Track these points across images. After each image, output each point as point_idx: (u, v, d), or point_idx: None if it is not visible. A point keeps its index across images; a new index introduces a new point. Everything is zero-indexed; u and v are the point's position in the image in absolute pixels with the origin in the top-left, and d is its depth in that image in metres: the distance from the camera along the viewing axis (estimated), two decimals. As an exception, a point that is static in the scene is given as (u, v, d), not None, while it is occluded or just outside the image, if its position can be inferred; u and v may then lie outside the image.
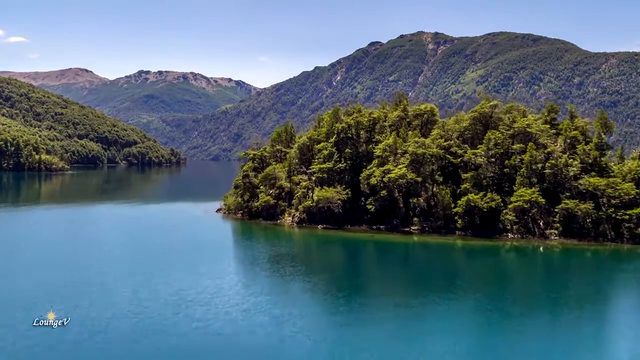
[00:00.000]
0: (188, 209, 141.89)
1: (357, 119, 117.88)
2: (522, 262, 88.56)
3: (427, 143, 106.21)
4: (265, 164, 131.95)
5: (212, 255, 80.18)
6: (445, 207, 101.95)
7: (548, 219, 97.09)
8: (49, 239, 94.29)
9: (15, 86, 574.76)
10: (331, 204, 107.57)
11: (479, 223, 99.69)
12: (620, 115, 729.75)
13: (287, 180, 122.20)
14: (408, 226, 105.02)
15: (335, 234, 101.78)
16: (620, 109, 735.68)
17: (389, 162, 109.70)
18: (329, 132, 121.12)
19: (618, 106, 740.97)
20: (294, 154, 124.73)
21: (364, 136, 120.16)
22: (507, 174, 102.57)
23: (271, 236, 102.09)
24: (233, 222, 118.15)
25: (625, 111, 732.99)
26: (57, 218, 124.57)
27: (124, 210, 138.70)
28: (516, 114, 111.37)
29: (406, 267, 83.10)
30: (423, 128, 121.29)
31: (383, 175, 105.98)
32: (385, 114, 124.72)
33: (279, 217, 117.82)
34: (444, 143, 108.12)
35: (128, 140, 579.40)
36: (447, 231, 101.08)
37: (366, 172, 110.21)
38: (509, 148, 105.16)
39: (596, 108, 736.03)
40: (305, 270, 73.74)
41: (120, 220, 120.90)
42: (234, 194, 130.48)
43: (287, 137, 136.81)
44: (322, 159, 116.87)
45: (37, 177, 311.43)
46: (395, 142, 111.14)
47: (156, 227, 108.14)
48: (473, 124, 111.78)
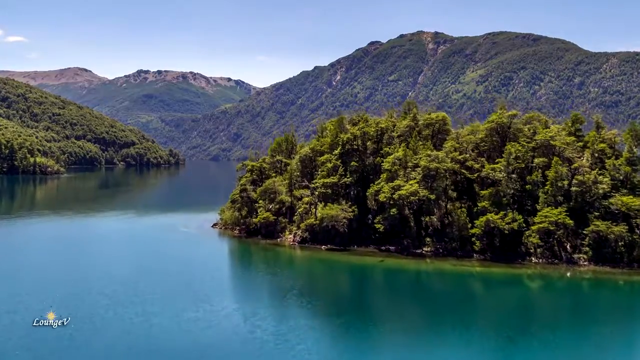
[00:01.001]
0: (182, 222, 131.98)
1: (363, 129, 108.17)
2: (548, 293, 79.04)
3: (440, 157, 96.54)
4: (264, 175, 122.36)
5: (204, 291, 70.39)
6: (461, 228, 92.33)
7: (576, 241, 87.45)
8: (16, 266, 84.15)
9: (12, 86, 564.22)
10: (336, 222, 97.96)
11: (498, 245, 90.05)
12: (621, 115, 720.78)
13: (288, 194, 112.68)
14: (420, 247, 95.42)
15: (341, 257, 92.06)
16: (622, 109, 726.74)
17: (399, 176, 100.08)
18: (333, 143, 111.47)
19: (619, 106, 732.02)
20: (295, 166, 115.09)
21: (371, 147, 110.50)
22: (529, 191, 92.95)
23: (271, 260, 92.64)
24: (230, 241, 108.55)
25: (626, 111, 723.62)
26: (36, 235, 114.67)
27: (114, 224, 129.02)
28: (537, 124, 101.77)
29: (419, 298, 73.82)
30: (434, 138, 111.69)
31: (393, 191, 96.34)
32: (393, 123, 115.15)
33: (279, 234, 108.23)
34: (459, 157, 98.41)
35: (126, 141, 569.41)
36: (463, 254, 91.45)
37: (374, 187, 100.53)
38: (530, 162, 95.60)
39: (599, 110, 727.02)
40: (313, 308, 64.15)
41: (107, 239, 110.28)
42: (230, 208, 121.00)
43: (287, 147, 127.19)
44: (325, 172, 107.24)
45: (31, 180, 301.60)
46: (406, 154, 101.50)
47: (144, 252, 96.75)
48: (489, 135, 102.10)
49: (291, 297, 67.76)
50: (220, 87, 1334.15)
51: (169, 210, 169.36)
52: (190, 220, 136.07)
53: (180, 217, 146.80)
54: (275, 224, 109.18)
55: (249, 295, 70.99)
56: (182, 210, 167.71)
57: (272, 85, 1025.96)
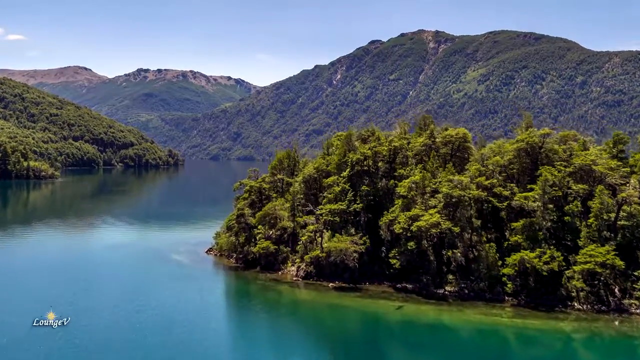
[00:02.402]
0: (175, 243, 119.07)
1: (375, 148, 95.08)
2: (594, 350, 66.29)
3: (465, 183, 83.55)
4: (264, 197, 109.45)
5: (192, 354, 57.55)
6: (490, 266, 79.47)
7: (625, 284, 74.68)
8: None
9: (9, 86, 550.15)
10: (345, 256, 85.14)
11: (533, 286, 77.27)
12: (624, 115, 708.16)
13: (291, 219, 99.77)
14: (441, 285, 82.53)
15: (352, 300, 78.91)
16: (624, 109, 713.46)
17: (416, 203, 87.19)
18: (341, 163, 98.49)
19: (622, 106, 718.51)
20: (299, 187, 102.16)
21: (383, 168, 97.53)
22: (568, 223, 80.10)
23: (272, 302, 79.57)
24: (225, 277, 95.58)
25: (629, 111, 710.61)
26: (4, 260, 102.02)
27: (97, 249, 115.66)
28: (573, 144, 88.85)
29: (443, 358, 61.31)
30: (453, 157, 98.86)
31: (410, 222, 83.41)
32: (407, 140, 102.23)
33: (280, 265, 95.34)
34: (486, 182, 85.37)
35: (124, 141, 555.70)
36: (493, 296, 78.50)
37: (388, 216, 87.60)
38: (566, 189, 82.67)
39: (601, 110, 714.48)
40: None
41: (83, 272, 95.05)
42: (226, 231, 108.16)
43: (290, 164, 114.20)
44: (332, 196, 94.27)
45: (24, 186, 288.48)
46: (423, 178, 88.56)
47: (123, 290, 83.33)
48: (518, 156, 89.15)
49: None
50: (221, 85, 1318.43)
51: (162, 224, 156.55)
52: (183, 240, 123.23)
53: (173, 236, 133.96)
54: (276, 254, 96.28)
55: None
56: (176, 225, 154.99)
57: (272, 84, 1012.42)
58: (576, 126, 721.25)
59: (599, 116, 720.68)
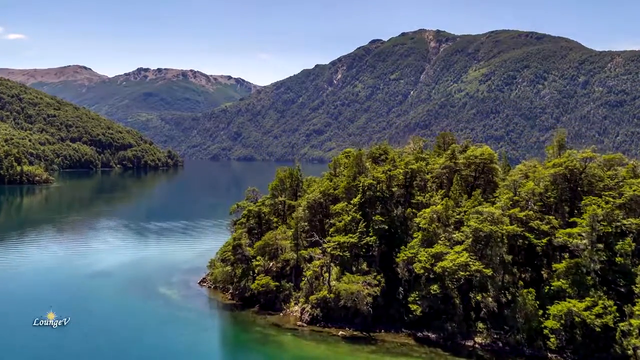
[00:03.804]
0: (164, 271, 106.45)
1: (389, 172, 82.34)
2: None
3: (496, 216, 70.88)
4: (263, 222, 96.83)
5: None
6: (529, 316, 66.91)
7: (693, 342, 62.17)
8: None
9: (6, 87, 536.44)
10: (357, 300, 72.69)
11: (582, 341, 64.76)
12: (626, 115, 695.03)
13: (294, 249, 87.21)
14: (470, 336, 70.00)
15: (366, 355, 66.33)
16: (627, 109, 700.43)
17: (439, 237, 74.67)
18: (350, 187, 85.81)
19: (624, 106, 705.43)
20: (302, 214, 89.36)
21: (399, 193, 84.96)
22: (620, 264, 67.55)
23: (272, 356, 67.16)
24: (219, 316, 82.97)
25: (631, 111, 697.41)
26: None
27: (78, 275, 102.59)
28: (620, 169, 76.27)
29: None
30: (477, 179, 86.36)
31: (432, 260, 70.98)
32: (424, 159, 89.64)
33: (282, 305, 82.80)
34: (520, 214, 72.70)
35: (123, 143, 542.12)
36: (533, 352, 65.99)
37: (406, 252, 74.99)
38: (617, 223, 70.06)
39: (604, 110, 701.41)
40: None
41: (60, 305, 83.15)
42: (221, 262, 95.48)
43: (292, 185, 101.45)
44: (342, 226, 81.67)
45: (17, 192, 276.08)
46: (446, 208, 76.04)
47: (101, 341, 71.03)
48: (554, 182, 76.49)
49: None
50: (221, 85, 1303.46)
51: (155, 241, 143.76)
52: (175, 266, 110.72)
53: (165, 258, 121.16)
54: (278, 291, 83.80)
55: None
56: (170, 242, 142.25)
57: (272, 83, 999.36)
58: (578, 126, 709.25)
59: (602, 116, 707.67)
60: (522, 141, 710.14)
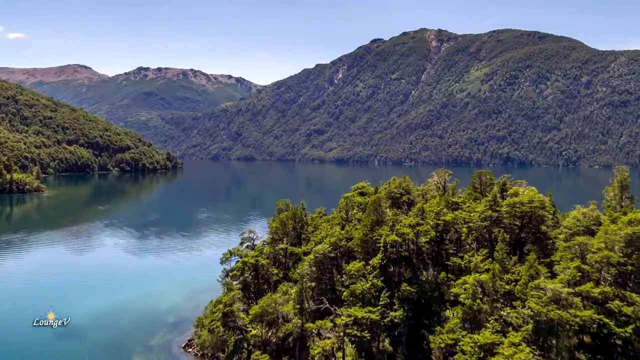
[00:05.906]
0: (143, 324, 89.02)
1: (417, 228, 64.51)
2: None
3: (564, 295, 53.15)
4: (260, 275, 79.19)
5: None
6: None
7: None
8: None
9: (1, 88, 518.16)
10: (381, 399, 55.23)
11: None
12: (630, 115, 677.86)
13: (297, 315, 69.70)
14: None
15: None
16: (631, 109, 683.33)
17: (486, 316, 57.11)
18: (367, 242, 68.15)
19: (628, 106, 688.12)
20: (307, 270, 71.75)
21: (428, 251, 67.34)
22: None
23: None
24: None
25: (635, 111, 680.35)
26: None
27: (37, 338, 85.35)
28: None
29: None
30: (522, 231, 68.78)
31: (481, 354, 53.42)
32: (457, 205, 71.95)
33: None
34: (595, 291, 54.95)
35: (121, 145, 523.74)
36: None
37: (443, 337, 57.40)
38: None
39: (607, 110, 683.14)
40: None
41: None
42: (208, 330, 77.88)
43: (296, 227, 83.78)
44: (359, 292, 64.02)
45: (6, 202, 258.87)
46: (494, 277, 58.39)
47: None
48: (630, 245, 58.77)
49: None
50: (221, 84, 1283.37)
51: (139, 274, 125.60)
52: (158, 316, 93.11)
53: (148, 302, 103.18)
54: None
55: None
56: (157, 277, 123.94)
57: (273, 83, 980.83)
58: (582, 127, 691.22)
59: (605, 117, 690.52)
60: (524, 142, 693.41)
